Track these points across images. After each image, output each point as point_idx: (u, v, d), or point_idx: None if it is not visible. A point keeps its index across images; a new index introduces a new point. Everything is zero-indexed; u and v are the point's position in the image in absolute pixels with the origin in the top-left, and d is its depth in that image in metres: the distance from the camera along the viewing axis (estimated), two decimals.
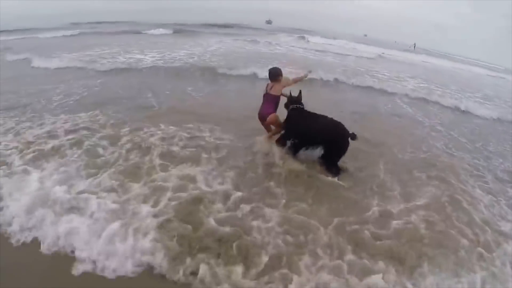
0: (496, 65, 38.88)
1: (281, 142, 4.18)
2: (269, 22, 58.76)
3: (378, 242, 2.86)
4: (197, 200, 3.15)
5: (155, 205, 3.05)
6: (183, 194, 3.23)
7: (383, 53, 23.04)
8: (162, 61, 10.83)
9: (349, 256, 2.65)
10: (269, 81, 4.40)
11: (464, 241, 2.97)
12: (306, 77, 4.56)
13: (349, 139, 3.79)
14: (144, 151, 4.09)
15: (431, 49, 45.48)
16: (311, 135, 3.90)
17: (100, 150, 4.07)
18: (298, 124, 3.99)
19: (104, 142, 4.28)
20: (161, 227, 2.75)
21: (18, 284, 2.34)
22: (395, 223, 3.13)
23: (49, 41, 17.79)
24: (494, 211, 3.63)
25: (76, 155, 3.90)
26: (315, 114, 4.03)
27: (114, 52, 12.47)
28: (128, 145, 4.23)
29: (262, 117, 4.36)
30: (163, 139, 4.48)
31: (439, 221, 3.23)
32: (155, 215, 2.88)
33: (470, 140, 6.05)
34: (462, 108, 8.62)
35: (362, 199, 3.49)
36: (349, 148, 3.85)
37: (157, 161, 3.87)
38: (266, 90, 4.36)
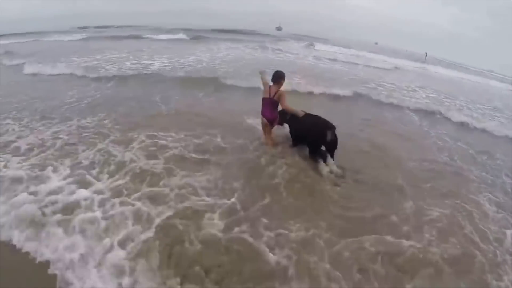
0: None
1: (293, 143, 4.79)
2: (279, 28, 59.21)
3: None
4: (197, 214, 3.11)
5: (146, 223, 2.98)
6: (182, 205, 3.21)
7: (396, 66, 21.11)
8: (170, 67, 10.84)
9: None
10: (270, 84, 4.51)
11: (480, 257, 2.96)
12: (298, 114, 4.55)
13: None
14: (152, 156, 4.16)
15: (443, 59, 44.89)
16: (304, 133, 4.47)
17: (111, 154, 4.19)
18: (298, 124, 4.53)
19: (113, 146, 4.40)
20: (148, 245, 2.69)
21: None
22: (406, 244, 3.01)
23: (59, 45, 18.15)
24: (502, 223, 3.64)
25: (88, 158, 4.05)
26: (309, 114, 4.45)
27: (123, 57, 12.56)
28: (138, 151, 4.30)
29: (270, 120, 4.58)
30: (172, 144, 4.55)
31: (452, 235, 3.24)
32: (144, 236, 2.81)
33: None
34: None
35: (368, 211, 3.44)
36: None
37: (163, 166, 3.92)
38: (270, 94, 4.43)
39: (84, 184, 3.49)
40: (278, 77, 4.45)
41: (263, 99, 4.54)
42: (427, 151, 5.55)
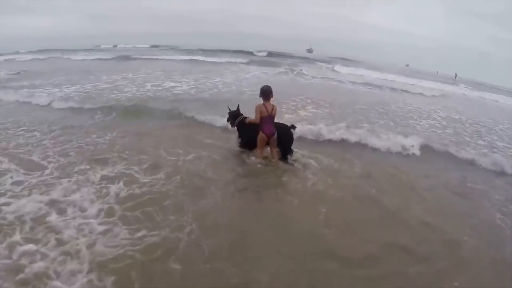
0: None
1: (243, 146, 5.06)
2: (310, 50, 61.31)
3: None
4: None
5: None
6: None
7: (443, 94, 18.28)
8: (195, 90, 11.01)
9: None
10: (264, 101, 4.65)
11: None
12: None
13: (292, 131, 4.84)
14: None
15: (472, 80, 44.18)
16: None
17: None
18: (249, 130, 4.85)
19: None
20: None
21: None
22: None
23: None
24: None
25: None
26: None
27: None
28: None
29: (270, 136, 4.65)
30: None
31: None
32: None
33: None
34: None
35: None
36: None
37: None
38: (268, 112, 4.60)
39: None
40: (269, 92, 4.66)
41: (262, 118, 4.59)
42: None
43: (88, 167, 4.21)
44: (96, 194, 3.50)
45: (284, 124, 4.94)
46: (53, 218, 3.00)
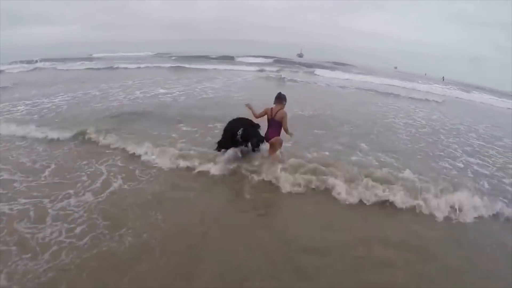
0: None
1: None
2: (300, 55, 62.02)
3: None
4: None
5: None
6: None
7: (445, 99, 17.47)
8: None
9: None
10: (273, 105, 4.77)
11: None
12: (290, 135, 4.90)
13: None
14: None
15: (460, 82, 44.73)
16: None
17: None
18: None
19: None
20: None
21: None
22: None
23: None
24: None
25: None
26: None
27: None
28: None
29: (268, 139, 4.79)
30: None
31: None
32: None
33: None
34: None
35: None
36: None
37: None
38: (272, 115, 4.70)
39: None
40: (277, 98, 4.78)
41: (268, 120, 4.78)
42: None
43: None
44: None
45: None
46: None
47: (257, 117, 4.89)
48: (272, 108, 4.78)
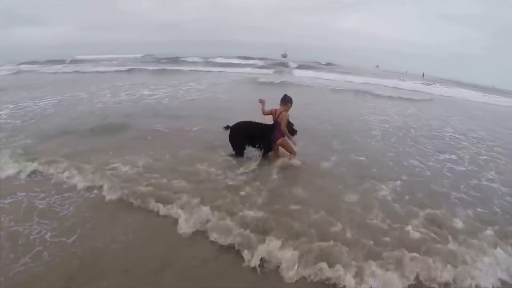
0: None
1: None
2: (284, 55, 62.51)
3: None
4: None
5: None
6: None
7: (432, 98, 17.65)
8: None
9: None
10: (278, 107, 4.79)
11: None
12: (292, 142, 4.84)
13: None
14: None
15: (440, 78, 46.06)
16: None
17: None
18: None
19: None
20: None
21: None
22: None
23: None
24: None
25: None
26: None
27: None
28: None
29: (275, 141, 4.84)
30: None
31: None
32: None
33: None
34: None
35: None
36: None
37: None
38: (276, 117, 4.74)
39: None
40: (282, 99, 4.79)
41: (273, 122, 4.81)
42: None
43: None
44: None
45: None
46: None
47: (264, 114, 4.93)
48: (276, 109, 4.81)
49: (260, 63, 33.46)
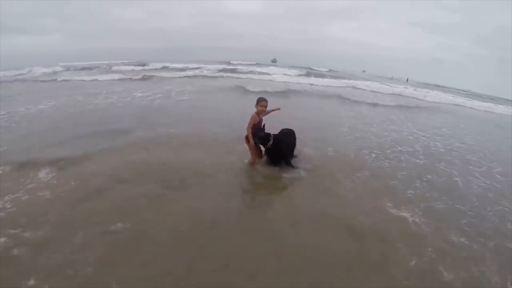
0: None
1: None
2: (274, 61, 63.16)
3: None
4: None
5: None
6: None
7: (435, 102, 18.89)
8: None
9: None
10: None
11: None
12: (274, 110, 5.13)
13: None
14: None
15: (424, 82, 47.67)
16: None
17: None
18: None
19: None
20: None
21: None
22: None
23: None
24: None
25: None
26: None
27: None
28: None
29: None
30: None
31: None
32: None
33: None
34: None
35: None
36: None
37: None
38: (260, 117, 4.81)
39: None
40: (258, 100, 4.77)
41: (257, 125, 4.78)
42: None
43: None
44: None
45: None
46: None
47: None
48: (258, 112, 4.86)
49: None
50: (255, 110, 4.79)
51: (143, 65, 30.82)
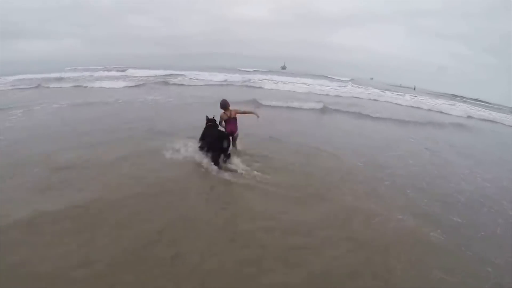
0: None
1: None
2: (283, 67, 63.57)
3: None
4: None
5: None
6: None
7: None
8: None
9: None
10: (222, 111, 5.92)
11: None
12: (254, 114, 6.21)
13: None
14: None
15: (432, 91, 46.76)
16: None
17: None
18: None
19: None
20: None
21: None
22: None
23: None
24: None
25: None
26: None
27: None
28: None
29: (233, 133, 5.97)
30: None
31: None
32: None
33: None
34: None
35: None
36: None
37: None
38: (228, 116, 5.89)
39: None
40: (227, 105, 5.93)
41: (226, 121, 5.92)
42: None
43: None
44: None
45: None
46: None
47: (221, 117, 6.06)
48: (225, 112, 5.93)
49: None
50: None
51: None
